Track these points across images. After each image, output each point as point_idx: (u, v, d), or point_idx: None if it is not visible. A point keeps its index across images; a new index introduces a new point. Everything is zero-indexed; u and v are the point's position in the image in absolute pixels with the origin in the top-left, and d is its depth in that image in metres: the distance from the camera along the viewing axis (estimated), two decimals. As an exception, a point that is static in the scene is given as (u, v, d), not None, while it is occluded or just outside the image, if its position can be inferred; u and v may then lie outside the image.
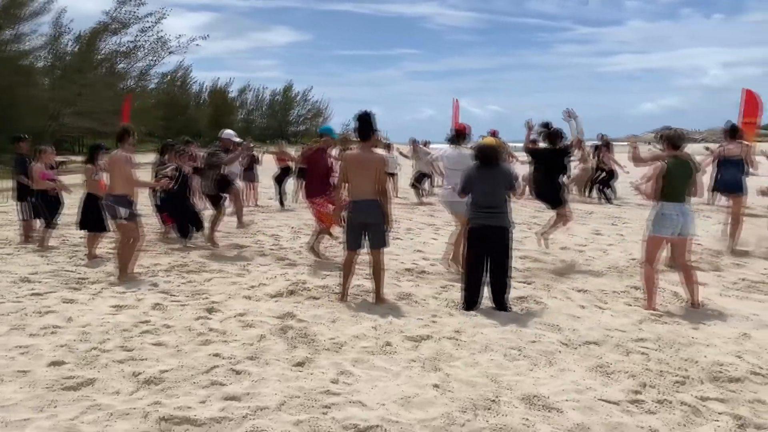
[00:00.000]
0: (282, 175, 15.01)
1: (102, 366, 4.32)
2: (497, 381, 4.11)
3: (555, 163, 7.88)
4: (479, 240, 5.78)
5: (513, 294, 6.03)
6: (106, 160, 7.66)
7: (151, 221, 11.56)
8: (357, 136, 6.13)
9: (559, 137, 7.90)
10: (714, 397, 3.94)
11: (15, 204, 10.02)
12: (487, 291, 5.83)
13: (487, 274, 5.79)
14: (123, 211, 6.99)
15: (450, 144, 7.45)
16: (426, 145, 16.96)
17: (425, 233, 10.44)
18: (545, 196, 8.00)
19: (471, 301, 5.79)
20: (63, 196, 9.48)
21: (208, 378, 4.10)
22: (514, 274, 6.85)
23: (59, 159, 11.71)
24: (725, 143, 9.05)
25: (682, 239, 5.87)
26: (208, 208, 9.74)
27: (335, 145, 8.89)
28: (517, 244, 8.87)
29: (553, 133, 7.98)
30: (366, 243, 6.00)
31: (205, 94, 66.72)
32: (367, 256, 6.10)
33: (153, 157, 12.11)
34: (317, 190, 8.03)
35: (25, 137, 9.97)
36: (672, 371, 4.32)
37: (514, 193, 6.06)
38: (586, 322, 5.42)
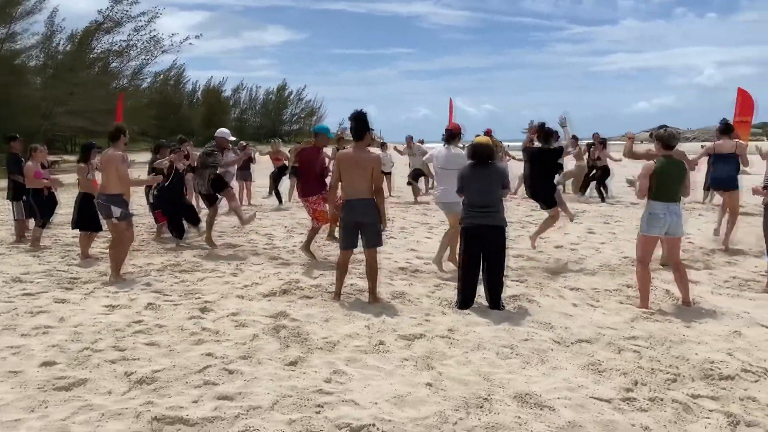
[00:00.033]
0: (278, 174, 15.01)
1: (94, 366, 4.31)
2: (490, 379, 4.12)
3: (549, 163, 7.89)
4: (474, 239, 5.79)
5: (506, 292, 6.04)
6: (99, 159, 7.63)
7: (145, 221, 11.55)
8: (351, 135, 6.12)
9: (553, 136, 7.91)
10: (705, 395, 3.96)
11: (8, 203, 9.97)
12: (481, 289, 5.84)
13: (482, 272, 5.80)
14: (117, 211, 6.97)
15: (443, 144, 7.44)
16: (421, 144, 16.98)
17: (419, 232, 10.45)
18: (539, 195, 8.01)
19: (466, 300, 5.80)
20: (58, 195, 9.45)
21: (200, 378, 4.10)
22: (507, 272, 6.86)
23: (52, 158, 11.70)
24: (717, 140, 9.11)
25: (672, 239, 5.89)
26: (203, 207, 9.72)
27: (329, 145, 8.88)
28: (511, 242, 8.90)
29: (547, 133, 7.98)
30: (360, 242, 6.00)
31: (199, 93, 66.59)
32: (361, 255, 6.10)
33: (146, 157, 12.10)
34: (312, 188, 8.02)
35: (18, 137, 9.92)
36: (664, 369, 4.34)
37: (507, 192, 6.06)
38: (578, 320, 5.44)
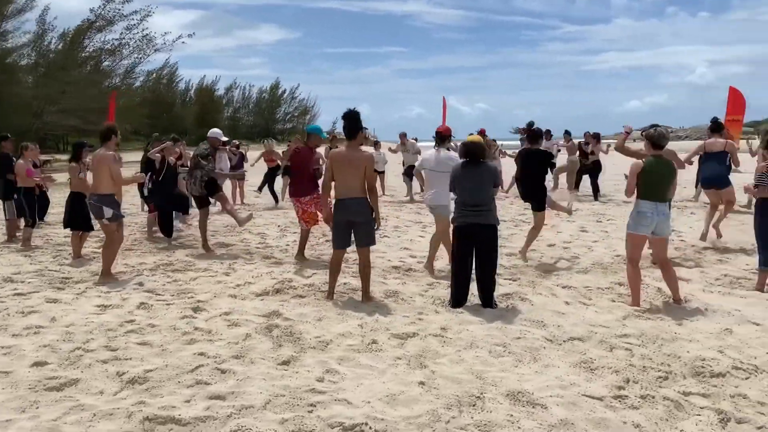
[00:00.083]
0: (271, 174, 14.94)
1: (85, 366, 4.29)
2: (482, 377, 4.13)
3: (538, 165, 7.85)
4: (466, 238, 5.80)
5: (499, 291, 6.06)
6: (91, 158, 7.60)
7: (138, 220, 11.52)
8: (344, 134, 6.12)
9: (540, 137, 7.91)
10: (696, 392, 3.98)
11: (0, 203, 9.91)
12: (474, 288, 5.85)
13: (474, 271, 5.81)
14: (108, 212, 6.95)
15: (434, 146, 7.45)
16: (415, 141, 16.97)
17: (412, 231, 10.45)
18: (530, 197, 7.97)
19: (458, 299, 5.81)
20: (50, 194, 9.41)
21: (193, 377, 4.09)
22: (500, 270, 6.88)
23: (44, 158, 11.65)
24: (708, 138, 9.17)
25: (659, 239, 5.92)
26: (193, 206, 9.69)
27: (322, 144, 8.86)
28: (504, 241, 8.92)
29: (536, 134, 7.98)
30: (353, 241, 6.00)
31: (192, 92, 66.35)
32: (355, 254, 6.09)
33: (139, 156, 12.03)
34: (305, 189, 7.98)
35: (9, 136, 9.86)
36: (655, 366, 4.36)
37: (497, 191, 6.07)
38: (570, 318, 5.46)
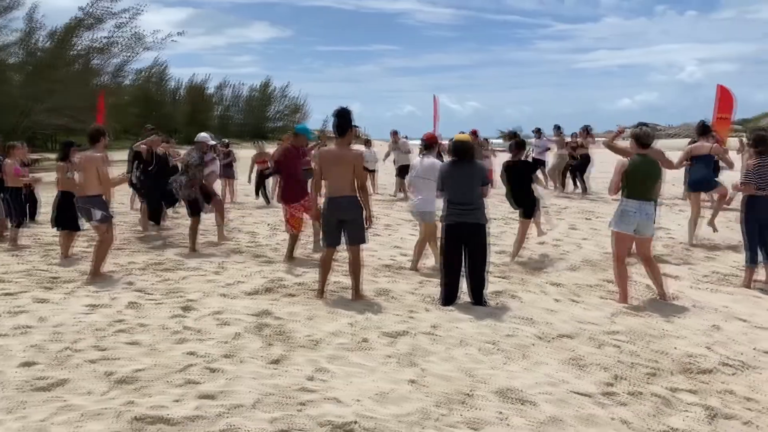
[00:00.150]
0: (261, 175, 14.84)
1: (74, 366, 4.26)
2: (472, 375, 4.14)
3: (522, 177, 7.87)
4: (456, 236, 5.81)
5: (489, 288, 6.08)
6: (79, 158, 7.56)
7: (128, 219, 11.46)
8: (334, 132, 6.11)
9: (523, 148, 7.95)
10: (685, 388, 4.02)
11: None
12: (465, 286, 5.86)
13: (465, 269, 5.83)
14: (97, 213, 6.92)
15: (419, 154, 7.49)
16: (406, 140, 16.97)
17: (403, 229, 10.45)
18: (520, 206, 7.97)
19: (449, 297, 5.82)
20: (39, 194, 9.35)
21: (182, 377, 4.07)
22: (491, 268, 6.90)
23: (33, 156, 11.57)
24: (696, 141, 9.26)
25: (641, 238, 5.95)
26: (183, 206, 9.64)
27: (309, 144, 8.84)
28: (494, 239, 8.95)
29: (517, 145, 8.01)
30: (344, 239, 6.00)
31: (182, 90, 65.89)
32: (346, 252, 6.09)
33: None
34: (296, 195, 7.93)
35: None
36: (644, 363, 4.39)
37: (488, 190, 6.08)
38: (560, 315, 5.49)
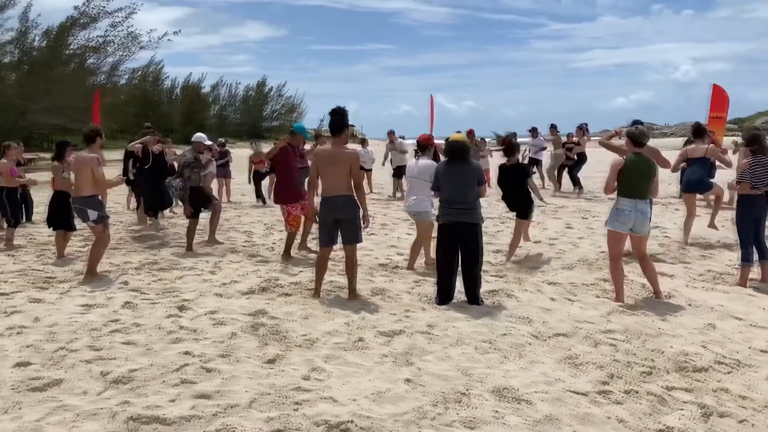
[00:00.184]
0: (258, 176, 14.82)
1: (69, 366, 4.25)
2: (468, 374, 4.14)
3: (515, 180, 7.88)
4: (451, 236, 5.82)
5: (485, 287, 6.08)
6: (73, 158, 7.54)
7: (123, 219, 11.44)
8: (330, 131, 6.11)
9: (514, 152, 7.94)
10: (680, 387, 4.02)
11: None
12: (460, 285, 5.87)
13: (460, 268, 5.83)
14: (93, 214, 6.90)
15: (414, 155, 7.50)
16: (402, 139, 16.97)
17: (400, 228, 10.46)
18: (515, 209, 7.97)
19: (444, 296, 5.83)
20: (32, 194, 9.33)
21: (178, 376, 4.06)
22: (487, 267, 6.92)
23: (28, 156, 11.54)
24: (692, 142, 9.30)
25: (637, 237, 5.96)
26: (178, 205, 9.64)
27: (305, 143, 8.83)
28: (491, 238, 8.97)
29: (508, 148, 8.01)
30: (339, 239, 5.99)
31: (178, 90, 65.72)
32: (341, 252, 6.09)
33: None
34: (291, 196, 7.92)
35: None
36: (639, 362, 4.40)
37: (485, 190, 6.07)
38: (556, 314, 5.49)
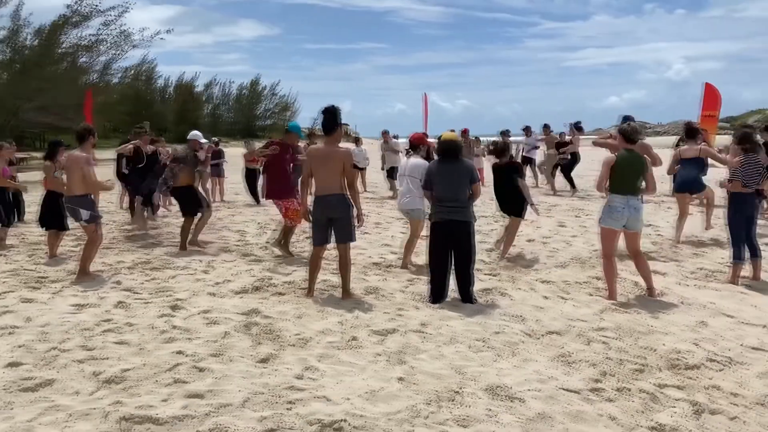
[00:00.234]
0: (252, 174, 14.78)
1: (61, 366, 4.23)
2: (462, 372, 4.15)
3: (506, 179, 7.90)
4: (443, 234, 5.82)
5: (479, 286, 6.09)
6: (65, 157, 7.51)
7: (116, 218, 11.40)
8: (322, 130, 6.10)
9: (505, 152, 7.96)
10: (672, 384, 4.04)
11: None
12: (454, 284, 5.88)
13: (453, 267, 5.84)
14: (85, 214, 6.87)
15: (406, 153, 7.51)
16: (396, 139, 16.99)
17: (393, 227, 10.46)
18: (508, 211, 7.98)
19: (437, 295, 5.83)
20: (24, 195, 9.28)
21: (170, 376, 4.05)
22: (480, 266, 6.93)
23: (20, 155, 11.49)
24: (684, 142, 9.34)
25: (631, 233, 5.99)
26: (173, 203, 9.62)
27: (298, 142, 8.83)
28: (484, 236, 8.98)
29: (499, 149, 8.02)
30: (332, 238, 5.99)
31: (171, 88, 65.47)
32: (335, 251, 6.09)
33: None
34: (282, 191, 7.94)
35: None
36: (631, 359, 4.42)
37: (479, 188, 6.07)
38: (549, 312, 5.51)
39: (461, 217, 5.79)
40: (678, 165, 9.09)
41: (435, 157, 6.22)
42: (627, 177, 5.85)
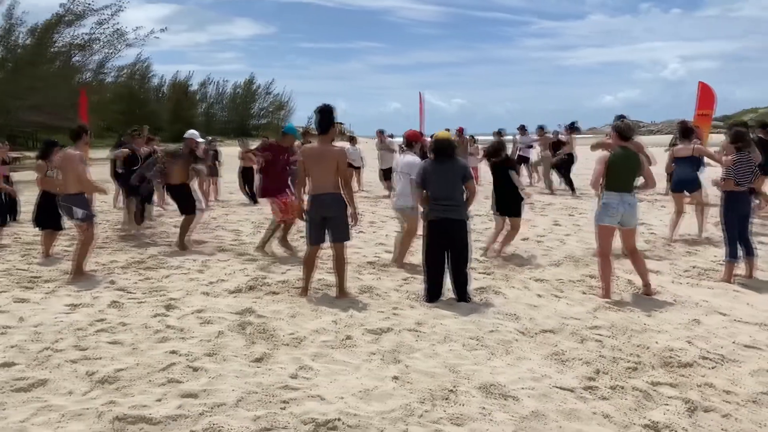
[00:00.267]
0: (246, 174, 14.74)
1: (54, 366, 4.22)
2: (456, 371, 4.16)
3: (501, 176, 7.91)
4: (438, 233, 5.83)
5: (473, 284, 6.10)
6: (59, 157, 7.48)
7: (110, 218, 11.37)
8: (316, 128, 6.10)
9: (499, 151, 7.95)
10: (665, 382, 4.05)
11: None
12: (449, 282, 5.88)
13: (448, 265, 5.84)
14: (79, 212, 6.85)
15: (400, 151, 7.52)
16: (391, 138, 16.95)
17: (388, 226, 10.45)
18: (505, 212, 7.99)
19: (433, 293, 5.84)
20: (19, 193, 9.25)
21: (164, 376, 4.05)
22: (475, 264, 6.94)
23: (14, 155, 11.44)
24: (679, 143, 9.36)
25: (626, 229, 6.01)
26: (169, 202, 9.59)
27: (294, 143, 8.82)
28: (478, 235, 8.99)
29: (495, 149, 8.03)
30: (328, 237, 5.98)
31: (165, 87, 65.27)
32: (330, 250, 6.08)
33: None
34: (277, 189, 7.94)
35: None
36: (625, 357, 4.43)
37: (474, 186, 6.07)
38: (543, 310, 5.52)
39: (456, 216, 5.80)
40: (673, 164, 9.12)
41: (429, 156, 6.22)
42: (622, 174, 5.86)
